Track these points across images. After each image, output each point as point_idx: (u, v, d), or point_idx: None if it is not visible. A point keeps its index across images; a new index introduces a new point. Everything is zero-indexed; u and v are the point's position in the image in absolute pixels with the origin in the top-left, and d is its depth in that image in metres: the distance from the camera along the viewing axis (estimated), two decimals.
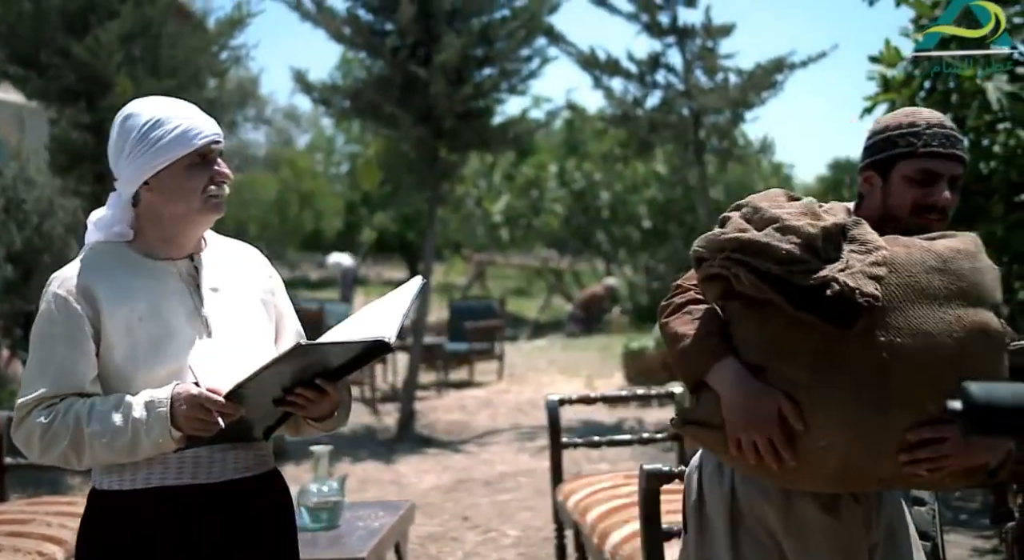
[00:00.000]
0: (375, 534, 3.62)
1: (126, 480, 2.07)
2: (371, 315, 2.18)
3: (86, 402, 2.04)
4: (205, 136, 2.09)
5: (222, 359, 2.09)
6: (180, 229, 2.14)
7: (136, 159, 2.08)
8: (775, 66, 8.47)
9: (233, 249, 2.29)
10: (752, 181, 19.06)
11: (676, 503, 3.72)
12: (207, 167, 2.11)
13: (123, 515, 2.07)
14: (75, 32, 7.52)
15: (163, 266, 2.14)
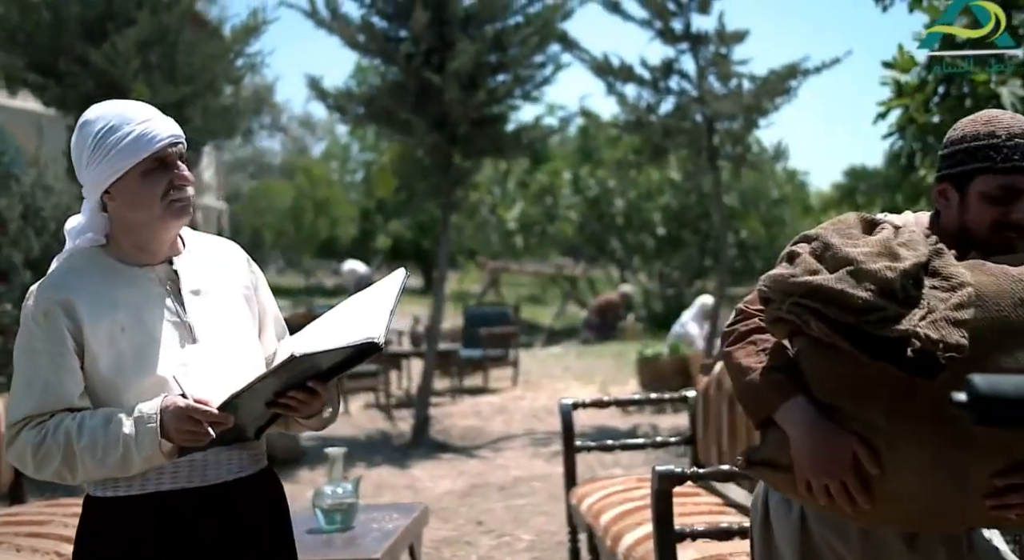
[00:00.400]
0: (389, 536, 3.65)
1: (121, 486, 2.06)
2: (358, 311, 2.16)
3: (75, 418, 2.01)
4: (160, 140, 2.04)
5: (208, 365, 2.08)
6: (149, 236, 2.10)
7: (93, 168, 2.04)
8: (789, 72, 8.48)
9: (211, 247, 2.25)
10: (766, 188, 19.05)
11: (689, 506, 3.75)
12: (165, 171, 2.05)
13: (118, 522, 2.06)
14: (93, 40, 7.59)
15: (141, 272, 2.10)
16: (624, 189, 19.04)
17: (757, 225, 18.90)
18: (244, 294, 2.22)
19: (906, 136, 6.10)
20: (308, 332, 2.23)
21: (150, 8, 7.60)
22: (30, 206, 8.03)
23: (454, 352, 11.34)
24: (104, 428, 1.99)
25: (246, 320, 2.20)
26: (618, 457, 7.30)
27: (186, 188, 2.08)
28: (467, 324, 12.89)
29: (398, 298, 2.11)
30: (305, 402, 2.06)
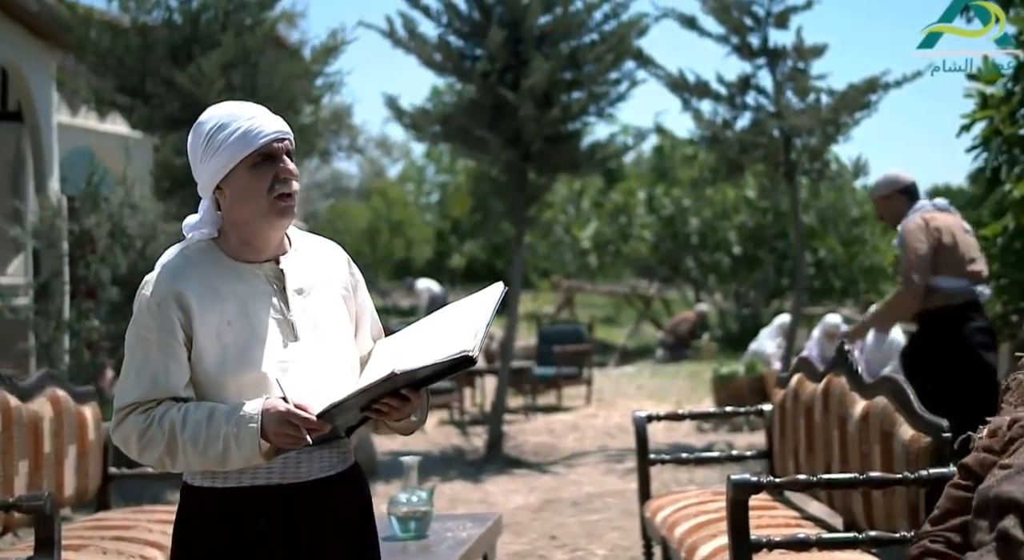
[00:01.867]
0: (463, 544, 3.66)
1: (218, 478, 2.14)
2: (453, 322, 2.20)
3: (180, 409, 2.09)
4: (266, 135, 2.11)
5: (308, 364, 2.15)
6: (255, 232, 2.17)
7: (207, 163, 2.13)
8: (868, 86, 8.36)
9: (316, 247, 2.31)
10: (845, 206, 18.73)
11: (766, 519, 3.70)
12: (271, 165, 2.13)
13: (214, 512, 2.14)
14: (179, 62, 7.82)
15: (249, 269, 2.17)
16: (699, 208, 18.89)
17: (835, 244, 18.58)
18: (343, 294, 2.29)
19: (991, 149, 5.98)
20: (403, 338, 2.29)
21: (234, 31, 7.81)
22: (117, 225, 8.28)
23: (528, 369, 11.35)
24: (207, 423, 2.06)
25: (344, 320, 2.26)
26: (693, 475, 7.24)
27: (291, 182, 2.15)
28: (541, 342, 12.90)
29: (494, 312, 2.15)
30: (397, 408, 2.11)
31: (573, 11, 8.28)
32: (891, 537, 3.00)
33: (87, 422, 4.33)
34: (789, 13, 8.57)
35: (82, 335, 8.05)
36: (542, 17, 8.26)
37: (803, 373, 4.22)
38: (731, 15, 8.47)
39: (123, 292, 8.07)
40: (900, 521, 3.10)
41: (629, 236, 19.55)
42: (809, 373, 4.15)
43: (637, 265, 20.84)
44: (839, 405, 3.65)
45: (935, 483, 2.88)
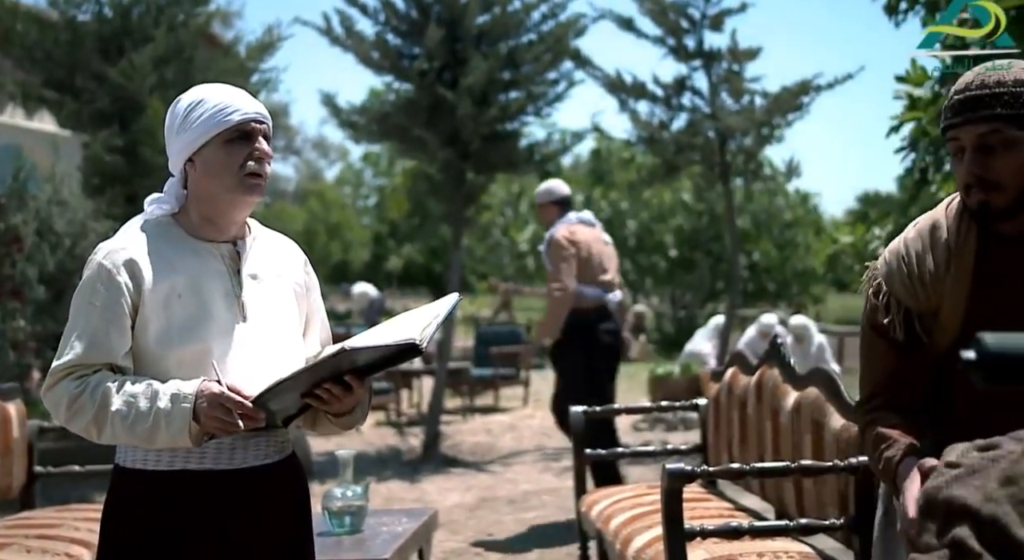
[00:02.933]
0: (398, 538, 3.64)
1: (150, 460, 2.12)
2: (406, 321, 2.20)
3: (116, 380, 2.07)
4: (244, 113, 2.15)
5: (254, 346, 2.14)
6: (220, 208, 2.18)
7: (180, 136, 2.15)
8: (801, 88, 8.50)
9: (276, 241, 2.33)
10: (778, 210, 19.04)
11: (700, 510, 3.73)
12: (247, 143, 2.16)
13: (146, 495, 2.12)
14: (109, 57, 7.67)
15: (206, 246, 2.18)
16: (636, 211, 19.05)
17: (769, 247, 18.87)
18: (296, 291, 2.29)
19: (918, 150, 6.10)
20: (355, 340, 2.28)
21: (166, 25, 7.69)
22: (45, 223, 8.08)
23: (465, 370, 11.33)
24: (141, 397, 2.04)
25: (294, 315, 2.26)
26: (629, 472, 7.27)
27: (265, 163, 2.18)
28: (478, 343, 12.88)
29: (448, 313, 2.18)
30: (338, 397, 2.10)
31: (511, 11, 8.29)
32: (820, 524, 3.04)
33: (11, 419, 4.23)
34: (724, 16, 8.68)
35: (7, 335, 7.84)
36: (480, 16, 8.26)
37: (737, 367, 4.27)
38: (667, 17, 8.56)
39: (50, 291, 7.88)
40: (830, 509, 3.15)
41: None
42: (743, 366, 4.20)
43: None
44: (772, 397, 3.70)
45: (865, 471, 2.93)
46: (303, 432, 7.26)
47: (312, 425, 2.30)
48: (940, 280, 2.03)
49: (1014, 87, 1.91)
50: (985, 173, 1.93)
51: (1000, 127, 1.91)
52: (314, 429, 2.33)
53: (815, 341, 10.43)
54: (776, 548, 3.18)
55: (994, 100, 1.91)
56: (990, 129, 1.91)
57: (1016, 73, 1.94)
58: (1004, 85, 1.91)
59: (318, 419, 2.26)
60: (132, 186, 7.75)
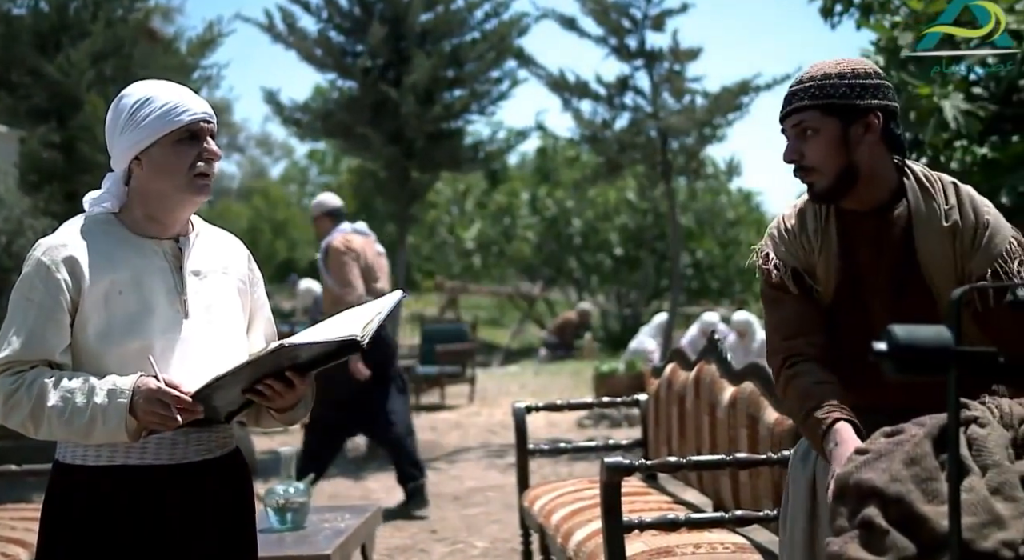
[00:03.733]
0: (341, 534, 3.65)
1: (90, 456, 2.11)
2: (349, 318, 2.22)
3: (53, 375, 2.06)
4: (193, 113, 2.13)
5: (195, 342, 2.14)
6: (166, 207, 2.17)
7: (127, 135, 2.13)
8: (741, 88, 8.63)
9: (218, 237, 2.32)
10: (722, 208, 19.26)
11: (639, 504, 3.79)
12: (196, 143, 2.14)
13: (85, 490, 2.11)
14: (46, 52, 7.56)
15: (148, 244, 2.17)
16: (582, 209, 19.15)
17: (712, 245, 19.09)
18: (239, 287, 2.29)
19: None
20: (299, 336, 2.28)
21: (104, 21, 7.59)
22: None
23: (410, 368, 11.32)
24: (77, 393, 2.03)
25: (237, 311, 2.26)
26: (573, 468, 7.34)
27: (213, 163, 2.17)
28: (424, 341, 12.88)
29: (390, 310, 2.20)
30: (280, 393, 2.11)
31: (454, 9, 8.32)
32: (755, 516, 3.11)
33: None
34: (665, 16, 8.78)
35: None
36: (423, 15, 8.27)
37: (676, 363, 4.33)
38: (609, 17, 8.63)
39: None
40: (764, 501, 3.22)
41: (512, 237, 19.69)
42: (682, 363, 4.27)
43: (520, 266, 21.00)
44: (709, 392, 3.77)
45: None
46: (247, 430, 7.23)
47: (256, 421, 2.30)
48: (812, 244, 2.25)
49: (822, 80, 2.12)
50: (800, 159, 2.15)
51: (807, 117, 2.13)
52: (258, 424, 2.34)
53: (758, 336, 10.59)
54: (712, 540, 3.24)
55: (804, 93, 2.14)
56: (800, 118, 2.14)
57: (839, 66, 2.14)
58: (815, 79, 2.14)
59: (261, 414, 2.27)
60: (71, 183, 7.65)
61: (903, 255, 2.14)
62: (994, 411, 1.86)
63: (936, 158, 5.76)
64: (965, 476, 1.67)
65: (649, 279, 19.12)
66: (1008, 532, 1.60)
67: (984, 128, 5.49)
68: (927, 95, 5.42)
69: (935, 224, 2.12)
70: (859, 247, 2.20)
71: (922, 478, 1.68)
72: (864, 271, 2.19)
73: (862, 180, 2.15)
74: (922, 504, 1.64)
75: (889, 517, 1.65)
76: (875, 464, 1.74)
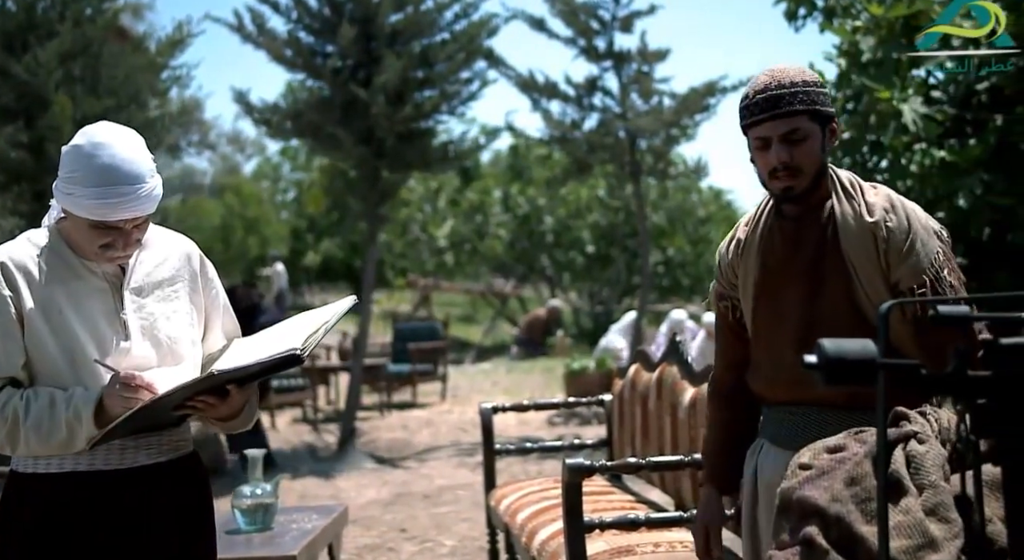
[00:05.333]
0: (307, 535, 3.69)
1: (41, 464, 2.15)
2: (293, 327, 2.24)
3: (23, 396, 2.09)
4: (118, 217, 2.09)
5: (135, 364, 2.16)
6: (86, 255, 2.18)
7: (60, 190, 2.13)
8: (707, 90, 8.71)
9: (166, 243, 2.31)
10: (692, 206, 19.38)
11: (602, 503, 3.86)
12: (112, 233, 2.12)
13: (38, 498, 2.14)
14: (13, 51, 7.52)
15: (88, 265, 2.18)
16: (554, 207, 19.21)
17: (683, 243, 19.21)
18: (190, 292, 2.30)
19: None
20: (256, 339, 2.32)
21: (72, 20, 7.56)
22: None
23: (382, 366, 11.35)
24: (49, 411, 2.08)
25: (185, 320, 2.27)
26: (542, 467, 7.41)
27: (127, 249, 2.16)
28: (396, 339, 12.90)
29: (336, 319, 2.21)
30: (214, 405, 2.14)
31: (424, 10, 8.35)
32: None
33: None
34: (634, 18, 8.85)
35: None
36: (393, 15, 8.30)
37: (640, 364, 4.40)
38: (578, 19, 8.69)
39: None
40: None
41: (485, 235, 19.72)
42: (645, 364, 4.33)
43: (493, 263, 21.03)
44: (671, 393, 3.84)
45: None
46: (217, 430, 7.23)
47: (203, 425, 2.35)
48: (736, 258, 2.38)
49: (804, 87, 2.19)
50: (790, 160, 2.19)
51: (800, 121, 2.18)
52: (205, 428, 2.38)
53: None
54: (672, 539, 3.31)
55: (793, 98, 2.19)
56: (795, 124, 2.18)
57: (804, 74, 2.23)
58: (796, 85, 2.19)
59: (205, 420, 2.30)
60: (39, 182, 7.61)
61: (821, 251, 2.22)
62: (933, 424, 1.89)
63: (896, 161, 5.87)
64: (902, 496, 1.69)
65: (621, 276, 19.21)
66: (941, 554, 1.61)
67: (943, 131, 5.59)
68: (887, 99, 5.52)
69: (858, 221, 2.20)
70: (778, 244, 2.29)
71: (862, 498, 1.70)
72: (782, 266, 2.28)
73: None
74: (861, 525, 1.66)
75: (829, 537, 1.67)
76: (817, 482, 1.76)
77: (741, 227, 2.41)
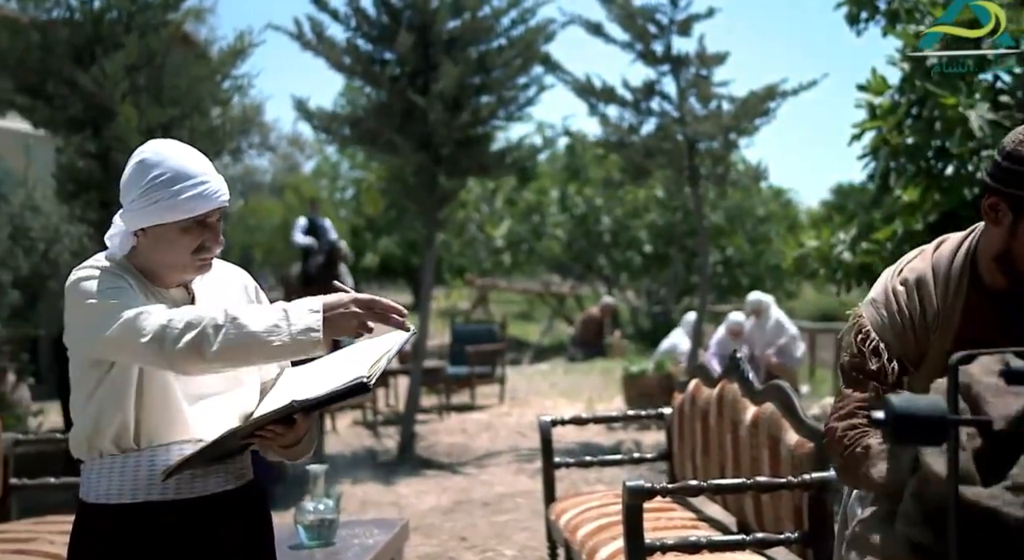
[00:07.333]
0: (369, 551, 3.72)
1: (112, 494, 2.18)
2: (355, 355, 2.27)
3: None
4: (208, 206, 2.14)
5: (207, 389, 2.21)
6: (165, 275, 2.23)
7: (137, 208, 2.15)
8: (767, 93, 8.61)
9: (223, 273, 2.37)
10: (752, 205, 19.19)
11: (663, 521, 3.84)
12: (203, 231, 2.17)
13: (110, 528, 2.18)
14: (81, 63, 7.68)
15: (159, 291, 2.23)
16: (611, 207, 19.15)
17: (742, 242, 19.03)
18: None
19: (880, 157, 6.23)
20: (307, 370, 2.35)
21: (138, 32, 7.70)
22: (19, 227, 8.11)
23: (441, 369, 11.41)
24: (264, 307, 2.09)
25: None
26: (601, 474, 7.39)
27: (216, 246, 2.20)
28: (454, 341, 12.96)
29: (400, 346, 2.23)
30: (281, 434, 2.18)
31: (481, 16, 8.37)
32: (777, 538, 3.15)
33: None
34: (692, 21, 8.77)
35: None
36: (451, 22, 8.33)
37: (700, 379, 4.37)
38: (635, 22, 8.64)
39: (24, 295, 7.91)
40: (786, 523, 3.26)
41: (542, 234, 19.72)
42: (705, 379, 4.30)
43: (550, 263, 21.04)
44: (732, 411, 3.81)
45: (818, 487, 3.05)
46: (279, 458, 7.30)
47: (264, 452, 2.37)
48: (928, 330, 2.09)
49: None
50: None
51: None
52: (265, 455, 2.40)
53: (772, 316, 10.64)
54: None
55: None
56: None
57: None
58: None
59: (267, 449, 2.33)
60: (106, 192, 7.77)
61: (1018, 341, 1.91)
62: None
63: (962, 168, 5.75)
64: None
65: (679, 276, 19.10)
66: None
67: None
68: (953, 105, 5.41)
69: None
70: (982, 331, 2.03)
71: None
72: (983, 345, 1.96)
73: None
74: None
75: None
76: None
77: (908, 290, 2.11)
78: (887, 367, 2.07)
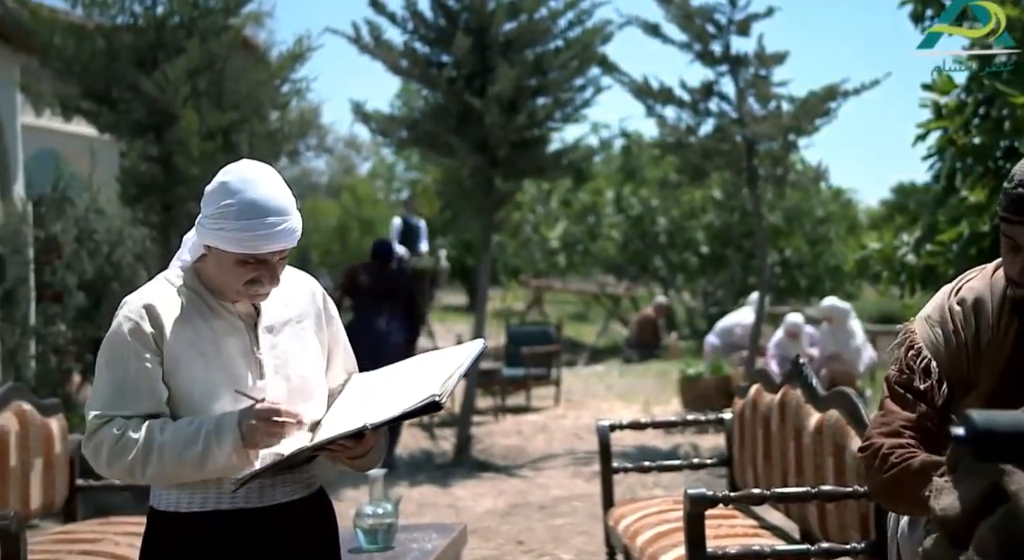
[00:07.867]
0: (428, 555, 3.73)
1: (183, 502, 2.21)
2: (426, 368, 2.27)
3: (160, 419, 2.15)
4: (269, 248, 2.14)
5: None
6: (225, 293, 2.24)
7: (206, 226, 2.18)
8: (828, 94, 8.48)
9: (290, 281, 2.36)
10: (811, 206, 18.94)
11: (725, 528, 3.79)
12: (259, 266, 2.17)
13: (180, 536, 2.21)
14: (144, 68, 7.81)
15: (226, 305, 2.25)
16: (667, 208, 19.02)
17: (801, 243, 18.79)
18: (315, 328, 2.35)
19: (945, 158, 6.11)
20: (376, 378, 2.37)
21: (199, 36, 7.81)
22: (84, 230, 8.26)
23: (497, 371, 11.42)
24: (186, 425, 2.12)
25: (313, 356, 2.32)
26: (658, 478, 7.32)
27: (271, 283, 2.20)
28: (510, 343, 12.96)
29: (471, 360, 2.24)
30: (350, 447, 2.18)
31: (538, 18, 8.35)
32: (842, 548, 3.10)
33: (53, 435, 4.36)
34: (751, 21, 8.67)
35: (48, 341, 8.03)
36: (507, 24, 8.32)
37: (761, 384, 4.31)
38: (694, 23, 8.56)
39: (89, 297, 8.06)
40: (852, 532, 3.20)
41: (597, 236, 19.65)
42: (766, 384, 4.25)
43: (606, 264, 20.96)
44: (795, 417, 3.75)
45: None
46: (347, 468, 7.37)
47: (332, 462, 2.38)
48: (981, 356, 2.06)
49: None
50: None
51: None
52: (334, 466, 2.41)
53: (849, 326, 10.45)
54: None
55: None
56: None
57: None
58: None
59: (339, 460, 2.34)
60: (168, 195, 7.89)
61: None
62: None
63: None
64: None
65: (736, 277, 18.91)
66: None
67: None
68: (1022, 104, 5.29)
69: None
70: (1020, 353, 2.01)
71: None
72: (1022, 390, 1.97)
73: None
74: None
75: None
76: None
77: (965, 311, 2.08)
78: (936, 388, 2.05)
